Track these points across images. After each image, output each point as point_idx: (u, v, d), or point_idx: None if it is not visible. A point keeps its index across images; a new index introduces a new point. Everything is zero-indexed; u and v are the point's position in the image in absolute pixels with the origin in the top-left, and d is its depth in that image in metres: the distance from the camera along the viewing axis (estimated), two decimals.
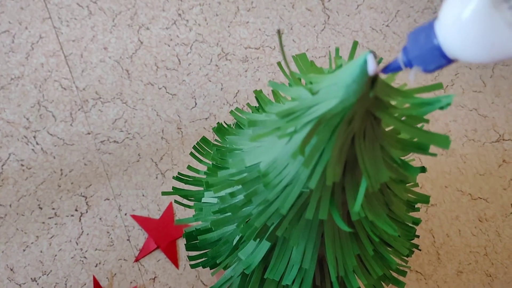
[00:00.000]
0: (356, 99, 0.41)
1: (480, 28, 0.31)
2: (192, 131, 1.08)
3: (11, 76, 1.08)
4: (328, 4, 1.21)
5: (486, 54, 0.31)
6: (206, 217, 0.68)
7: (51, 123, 1.05)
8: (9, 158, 1.02)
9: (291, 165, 0.50)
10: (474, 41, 0.31)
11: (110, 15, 1.14)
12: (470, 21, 0.31)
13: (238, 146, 0.62)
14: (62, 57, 1.10)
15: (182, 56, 1.13)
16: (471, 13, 0.31)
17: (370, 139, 0.46)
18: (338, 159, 0.46)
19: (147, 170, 1.04)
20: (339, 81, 0.42)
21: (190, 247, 0.73)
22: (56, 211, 1.00)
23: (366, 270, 0.62)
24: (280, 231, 0.55)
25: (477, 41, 0.31)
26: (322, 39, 1.18)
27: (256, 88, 1.12)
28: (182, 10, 1.17)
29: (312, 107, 0.44)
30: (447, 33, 0.33)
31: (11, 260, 0.97)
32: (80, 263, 0.97)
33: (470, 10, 0.31)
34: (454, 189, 1.08)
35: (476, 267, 1.03)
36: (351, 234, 0.58)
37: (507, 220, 1.07)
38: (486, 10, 0.30)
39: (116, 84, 1.09)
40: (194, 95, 1.10)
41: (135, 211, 1.01)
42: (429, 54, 0.35)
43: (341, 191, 0.51)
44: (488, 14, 0.30)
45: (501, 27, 0.30)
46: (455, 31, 0.32)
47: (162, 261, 0.99)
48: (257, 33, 1.17)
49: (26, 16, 1.12)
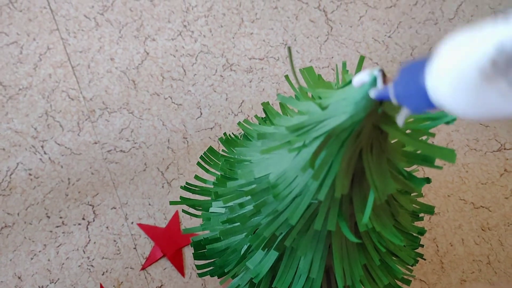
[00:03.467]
0: (365, 115, 0.42)
1: (472, 94, 0.29)
2: (197, 141, 1.09)
3: (19, 86, 1.09)
4: (331, 15, 1.22)
5: (475, 114, 0.30)
6: (214, 226, 0.69)
7: (58, 133, 1.07)
8: (17, 168, 1.04)
9: (300, 177, 0.52)
10: (464, 102, 0.30)
11: (117, 27, 1.16)
12: (463, 87, 0.29)
13: (247, 157, 0.64)
14: (69, 68, 1.12)
15: (187, 66, 1.15)
16: (463, 81, 0.29)
17: (377, 152, 0.48)
18: (346, 172, 0.47)
19: (153, 179, 1.05)
20: (349, 96, 0.43)
21: (198, 256, 0.74)
22: (64, 220, 1.01)
23: (373, 280, 0.63)
24: (288, 241, 0.57)
25: (467, 103, 0.30)
26: (325, 50, 1.19)
27: (260, 98, 1.14)
28: (187, 21, 1.19)
29: (322, 121, 0.46)
30: (438, 85, 0.31)
31: (19, 268, 0.98)
32: (87, 271, 0.98)
33: (462, 77, 0.29)
34: (457, 198, 1.09)
35: (480, 275, 1.04)
36: (358, 245, 0.59)
37: (509, 229, 1.08)
38: (479, 83, 0.28)
39: (122, 94, 1.11)
40: (199, 105, 1.12)
41: (142, 219, 1.02)
42: (417, 97, 0.34)
43: (349, 202, 0.52)
44: (480, 86, 0.29)
45: (494, 96, 0.28)
46: (446, 88, 0.30)
47: (168, 269, 1.00)
48: (261, 44, 1.19)
49: (34, 28, 1.14)
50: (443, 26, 1.23)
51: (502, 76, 0.27)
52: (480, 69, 0.28)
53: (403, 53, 1.20)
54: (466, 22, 1.23)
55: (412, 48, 1.20)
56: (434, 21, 1.23)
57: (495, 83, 0.27)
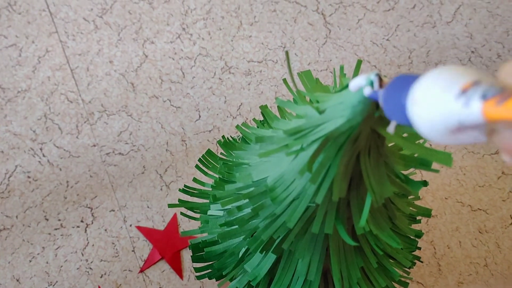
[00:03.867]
0: (362, 119, 0.43)
1: (443, 136, 0.29)
2: (196, 143, 1.09)
3: (18, 89, 1.10)
4: (330, 18, 1.23)
5: (449, 144, 0.30)
6: (212, 229, 0.70)
7: (57, 136, 1.07)
8: (16, 170, 1.04)
9: (298, 181, 0.52)
10: (437, 138, 0.30)
11: (116, 29, 1.16)
12: (434, 131, 0.30)
13: (245, 160, 0.64)
14: (68, 71, 1.12)
15: (186, 69, 1.15)
16: (435, 128, 0.29)
17: (374, 156, 0.48)
18: (344, 176, 0.47)
19: (151, 182, 1.06)
20: (346, 100, 0.44)
21: (196, 258, 0.74)
22: (62, 222, 1.01)
23: (370, 282, 0.63)
24: (286, 244, 0.57)
25: (440, 139, 0.30)
26: (323, 53, 1.20)
27: (259, 101, 1.14)
28: (186, 24, 1.19)
29: (319, 125, 0.46)
30: (413, 116, 0.31)
31: (17, 271, 0.98)
32: (86, 274, 0.98)
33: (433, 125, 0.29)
34: (454, 201, 1.10)
35: (477, 278, 1.05)
36: (356, 248, 0.60)
37: (506, 231, 1.08)
38: (449, 133, 0.29)
39: (121, 97, 1.11)
40: (198, 108, 1.12)
41: (140, 222, 1.03)
42: (399, 112, 0.34)
43: (346, 206, 0.53)
44: (451, 133, 0.29)
45: (465, 138, 0.28)
46: (420, 124, 0.30)
47: (166, 271, 1.00)
48: (259, 47, 1.19)
49: (33, 30, 1.14)
50: (441, 29, 1.23)
51: (472, 130, 0.28)
52: (448, 128, 0.28)
53: (401, 56, 1.21)
54: (463, 26, 1.24)
55: (410, 51, 1.21)
56: (432, 24, 1.24)
57: (465, 133, 0.28)
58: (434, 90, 0.29)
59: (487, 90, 0.26)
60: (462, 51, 1.22)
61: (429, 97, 0.29)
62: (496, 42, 1.23)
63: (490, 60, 1.21)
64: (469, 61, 1.21)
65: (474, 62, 1.21)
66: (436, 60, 1.20)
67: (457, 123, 0.27)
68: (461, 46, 1.22)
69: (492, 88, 0.26)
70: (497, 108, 0.24)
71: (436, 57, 1.21)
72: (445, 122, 0.28)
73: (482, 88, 0.26)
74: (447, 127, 0.28)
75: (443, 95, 0.28)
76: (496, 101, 0.25)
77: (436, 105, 0.28)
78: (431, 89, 0.29)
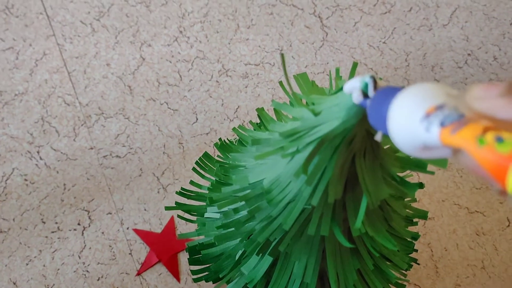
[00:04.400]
0: (357, 121, 0.43)
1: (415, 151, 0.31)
2: (193, 146, 1.09)
3: (15, 92, 1.10)
4: (326, 21, 1.23)
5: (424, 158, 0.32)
6: (209, 232, 0.70)
7: (54, 138, 1.07)
8: (13, 173, 1.04)
9: (294, 183, 0.52)
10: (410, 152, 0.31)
11: (113, 32, 1.17)
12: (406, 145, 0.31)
13: (241, 163, 0.64)
14: (65, 74, 1.12)
15: (183, 72, 1.15)
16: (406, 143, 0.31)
17: (370, 158, 0.48)
18: (339, 177, 0.48)
19: (149, 185, 1.06)
20: (341, 102, 0.44)
21: (193, 261, 0.74)
22: (59, 225, 1.01)
23: (366, 284, 0.63)
24: (282, 246, 0.57)
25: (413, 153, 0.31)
26: (320, 55, 1.20)
27: (256, 104, 1.14)
28: (183, 27, 1.19)
29: (314, 127, 0.46)
30: (390, 131, 0.33)
31: (14, 274, 0.98)
32: (83, 277, 0.98)
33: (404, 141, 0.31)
34: (451, 203, 1.10)
35: (474, 280, 1.05)
36: (352, 249, 0.60)
37: (503, 234, 1.08)
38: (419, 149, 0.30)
39: (118, 99, 1.11)
40: (195, 111, 1.12)
41: (137, 225, 1.03)
42: (381, 121, 0.35)
43: (342, 208, 0.53)
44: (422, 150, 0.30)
45: (438, 154, 0.30)
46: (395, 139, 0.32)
47: (163, 274, 1.00)
48: (257, 50, 1.19)
49: (30, 33, 1.14)
50: (438, 32, 1.24)
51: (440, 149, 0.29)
52: (416, 146, 0.30)
53: (398, 58, 1.21)
54: (460, 28, 1.24)
55: (406, 54, 1.21)
56: (428, 27, 1.24)
57: (433, 151, 0.30)
58: (404, 110, 0.30)
59: (446, 117, 0.27)
60: (459, 54, 1.22)
61: (400, 116, 0.31)
62: (493, 44, 1.24)
63: (486, 63, 1.22)
64: (466, 64, 1.21)
65: (471, 65, 1.21)
66: (432, 63, 1.21)
67: (423, 144, 0.29)
68: (458, 49, 1.23)
69: (452, 114, 0.27)
70: (451, 135, 0.26)
71: (432, 60, 1.21)
72: (413, 141, 0.30)
73: (443, 114, 0.27)
74: (415, 145, 0.30)
75: (410, 116, 0.30)
76: (452, 129, 0.26)
77: (405, 125, 0.30)
78: (402, 108, 0.31)
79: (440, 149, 0.28)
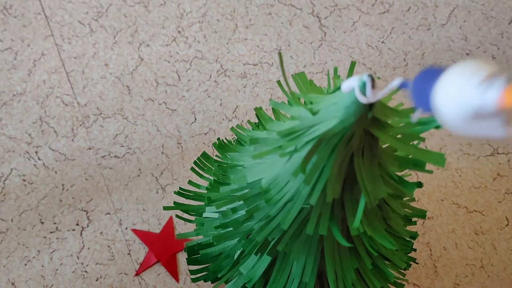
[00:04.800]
0: (355, 120, 0.43)
1: (465, 125, 0.32)
2: (192, 146, 1.09)
3: (13, 92, 1.09)
4: (325, 21, 1.23)
5: (471, 135, 0.33)
6: (208, 231, 0.70)
7: (52, 139, 1.07)
8: (11, 173, 1.04)
9: (292, 182, 0.52)
10: (459, 128, 0.32)
11: (111, 33, 1.16)
12: (457, 120, 0.32)
13: (240, 162, 0.64)
14: (64, 74, 1.12)
15: (181, 72, 1.15)
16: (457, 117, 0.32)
17: (368, 157, 0.48)
18: (337, 177, 0.48)
19: (147, 185, 1.05)
20: (339, 101, 0.44)
21: (191, 261, 0.74)
22: (58, 226, 1.01)
23: (365, 284, 0.63)
24: (281, 246, 0.57)
25: (461, 129, 0.32)
26: (319, 55, 1.20)
27: (254, 103, 1.14)
28: (181, 27, 1.19)
29: (312, 126, 0.46)
30: (437, 107, 0.34)
31: (12, 275, 0.97)
32: (81, 277, 0.98)
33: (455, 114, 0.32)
34: (450, 203, 1.10)
35: (473, 279, 1.05)
36: (350, 249, 0.60)
37: (502, 233, 1.08)
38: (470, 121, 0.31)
39: (117, 100, 1.11)
40: (193, 111, 1.12)
41: (136, 225, 1.02)
42: (424, 98, 0.36)
43: (340, 207, 0.53)
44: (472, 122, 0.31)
45: (486, 128, 0.31)
46: (443, 115, 0.33)
47: (162, 274, 1.00)
48: (255, 50, 1.19)
49: (28, 34, 1.14)
50: (436, 31, 1.24)
51: (491, 119, 0.30)
52: (469, 115, 0.31)
53: (396, 58, 1.21)
54: (458, 28, 1.24)
55: (405, 54, 1.21)
56: (427, 27, 1.24)
57: (485, 121, 0.30)
58: (458, 79, 0.31)
59: (505, 80, 0.28)
60: (457, 53, 1.22)
61: (452, 85, 0.32)
62: (491, 44, 1.24)
63: None
64: None
65: None
66: (431, 62, 1.21)
67: (477, 110, 0.30)
68: (456, 48, 1.23)
69: (509, 78, 0.28)
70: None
71: (431, 59, 1.21)
72: (464, 110, 0.31)
73: (503, 77, 0.29)
74: (465, 115, 0.31)
75: (465, 84, 0.31)
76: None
77: (457, 93, 0.31)
78: (455, 78, 0.32)
79: (494, 117, 0.29)
